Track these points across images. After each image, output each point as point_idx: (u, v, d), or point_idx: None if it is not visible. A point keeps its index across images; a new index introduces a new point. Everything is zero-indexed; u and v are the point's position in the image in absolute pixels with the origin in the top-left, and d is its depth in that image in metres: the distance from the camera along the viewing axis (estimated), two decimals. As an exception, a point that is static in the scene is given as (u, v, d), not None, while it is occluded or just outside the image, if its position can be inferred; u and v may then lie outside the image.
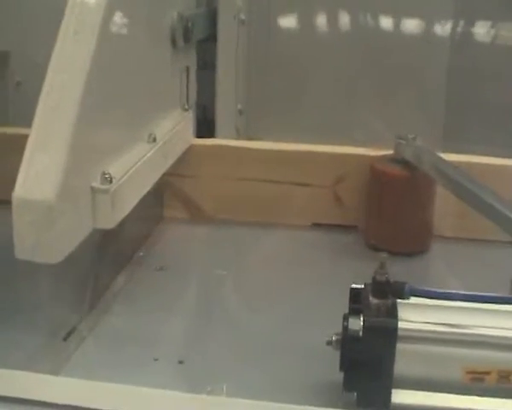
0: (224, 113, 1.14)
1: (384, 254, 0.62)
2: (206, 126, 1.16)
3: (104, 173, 0.71)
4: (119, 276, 0.86)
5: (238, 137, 1.19)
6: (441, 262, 0.94)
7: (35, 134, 0.66)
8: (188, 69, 1.02)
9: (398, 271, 0.62)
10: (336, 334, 0.62)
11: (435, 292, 0.61)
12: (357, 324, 0.60)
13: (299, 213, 1.01)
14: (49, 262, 0.66)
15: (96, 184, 0.71)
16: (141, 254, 0.92)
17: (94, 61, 0.69)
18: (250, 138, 1.18)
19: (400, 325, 0.59)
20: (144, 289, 0.84)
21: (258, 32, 1.22)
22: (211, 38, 1.12)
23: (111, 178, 0.71)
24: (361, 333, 0.60)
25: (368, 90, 1.24)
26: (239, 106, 1.19)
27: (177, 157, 0.94)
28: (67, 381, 0.65)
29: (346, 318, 0.61)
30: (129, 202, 0.77)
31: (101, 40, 0.71)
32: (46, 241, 0.65)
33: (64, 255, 0.66)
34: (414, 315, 0.60)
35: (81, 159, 0.68)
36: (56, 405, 0.61)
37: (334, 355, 0.62)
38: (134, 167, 0.78)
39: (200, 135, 1.09)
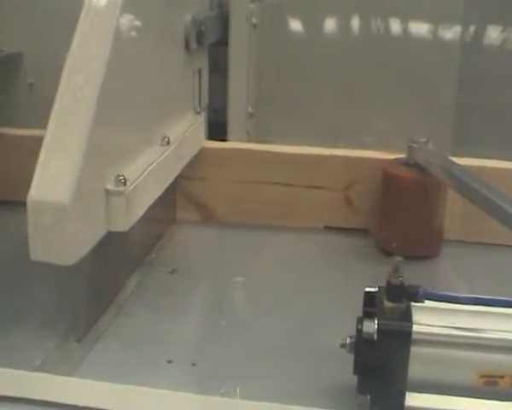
0: (235, 116, 1.14)
1: (399, 258, 0.62)
2: (217, 129, 1.16)
3: (118, 176, 0.72)
4: (131, 278, 0.86)
5: (249, 140, 1.19)
6: (452, 266, 0.94)
7: (50, 136, 0.67)
8: (200, 72, 1.02)
9: (408, 274, 0.62)
10: (350, 337, 0.62)
11: (450, 296, 0.61)
12: (371, 327, 0.60)
13: (311, 216, 1.02)
14: (63, 264, 0.66)
15: (111, 186, 0.71)
16: (153, 256, 0.93)
17: (109, 63, 0.70)
18: (261, 142, 1.18)
19: (415, 328, 0.60)
20: (156, 292, 0.85)
21: (269, 35, 1.22)
22: (223, 41, 1.12)
23: (125, 181, 0.72)
24: (375, 336, 0.60)
25: (378, 94, 1.24)
26: (249, 109, 1.19)
27: (189, 159, 0.95)
28: (80, 382, 0.66)
29: (360, 321, 0.61)
30: (143, 204, 0.77)
31: (116, 43, 0.71)
32: (60, 243, 0.65)
33: (78, 257, 0.67)
34: (428, 319, 0.61)
35: (96, 161, 0.69)
36: (69, 406, 0.62)
37: (348, 358, 0.62)
38: (148, 170, 0.78)
39: (211, 138, 1.09)
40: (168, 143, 0.85)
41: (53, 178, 0.65)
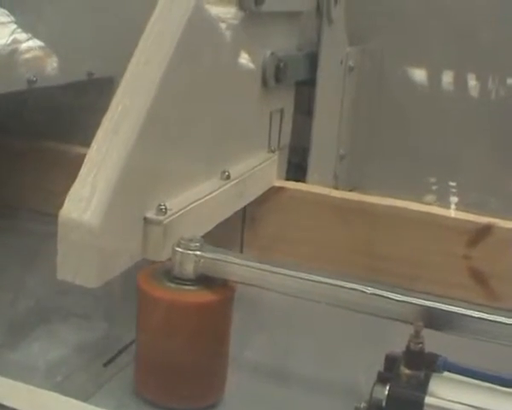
0: (318, 157, 1.10)
1: (419, 323, 0.57)
2: (303, 170, 1.13)
3: (160, 205, 0.70)
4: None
5: (336, 185, 1.16)
6: None
7: (91, 156, 0.67)
8: (282, 111, 1.00)
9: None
10: (366, 401, 0.58)
11: (472, 371, 0.56)
12: (381, 392, 0.56)
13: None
14: (88, 286, 0.65)
15: (150, 214, 0.70)
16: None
17: (159, 90, 0.69)
18: (352, 187, 1.15)
19: (427, 400, 0.55)
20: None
21: (368, 79, 1.19)
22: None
23: (166, 210, 0.70)
24: (384, 403, 0.56)
25: (478, 150, 1.19)
26: (341, 151, 1.16)
27: (254, 197, 0.92)
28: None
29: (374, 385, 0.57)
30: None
31: (171, 71, 0.71)
32: (87, 264, 0.64)
33: (105, 280, 0.66)
34: (446, 392, 0.56)
35: (135, 187, 0.68)
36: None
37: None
38: (197, 202, 0.76)
39: (296, 178, 1.06)
40: (228, 177, 0.83)
41: (86, 198, 0.64)
